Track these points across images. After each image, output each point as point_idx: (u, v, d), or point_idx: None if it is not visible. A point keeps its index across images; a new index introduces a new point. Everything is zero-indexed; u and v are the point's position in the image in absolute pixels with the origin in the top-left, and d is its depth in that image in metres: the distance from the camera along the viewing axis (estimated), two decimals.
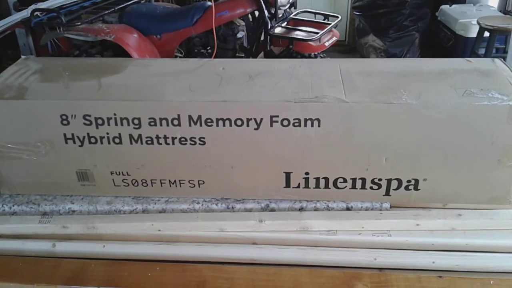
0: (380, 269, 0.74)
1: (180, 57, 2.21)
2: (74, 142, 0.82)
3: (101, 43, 2.04)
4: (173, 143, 0.81)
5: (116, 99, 0.80)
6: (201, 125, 0.79)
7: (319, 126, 0.77)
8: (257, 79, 0.84)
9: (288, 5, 2.07)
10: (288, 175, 0.82)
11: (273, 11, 1.96)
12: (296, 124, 0.77)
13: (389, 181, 0.81)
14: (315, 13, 2.15)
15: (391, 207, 0.84)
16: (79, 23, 2.00)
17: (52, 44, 2.15)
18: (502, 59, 0.88)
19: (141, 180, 0.86)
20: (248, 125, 0.78)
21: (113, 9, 2.20)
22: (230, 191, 0.86)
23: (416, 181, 0.80)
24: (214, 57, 2.07)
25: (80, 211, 0.87)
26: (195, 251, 0.77)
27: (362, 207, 0.84)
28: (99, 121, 0.80)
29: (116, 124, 0.80)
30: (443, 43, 2.71)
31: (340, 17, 2.10)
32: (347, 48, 3.79)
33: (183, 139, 0.80)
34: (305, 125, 0.77)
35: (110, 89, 0.83)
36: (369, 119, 0.76)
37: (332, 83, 0.81)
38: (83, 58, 0.96)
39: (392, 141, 0.77)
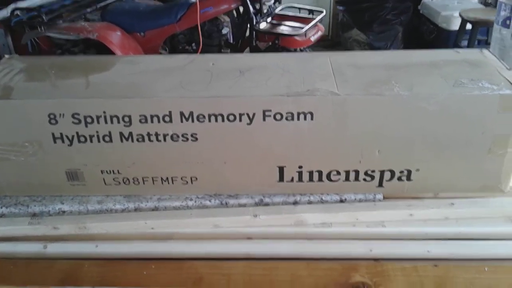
0: (376, 259, 0.74)
1: (165, 55, 2.19)
2: (63, 142, 0.81)
3: (84, 41, 2.01)
4: (165, 140, 0.80)
5: (106, 97, 0.78)
6: (193, 121, 0.78)
7: (312, 119, 0.77)
8: (248, 74, 0.84)
9: (273, 0, 2.07)
10: (281, 169, 0.82)
11: (258, 7, 1.95)
12: (289, 118, 0.77)
13: (382, 172, 0.81)
14: (299, 8, 2.16)
15: (384, 198, 0.84)
16: (61, 21, 1.97)
17: (32, 44, 2.11)
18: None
19: (133, 178, 0.85)
20: (240, 120, 0.77)
21: (95, 7, 2.17)
22: (224, 187, 0.85)
23: (409, 171, 0.81)
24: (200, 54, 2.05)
25: (70, 211, 0.85)
26: (189, 248, 0.76)
27: (355, 199, 0.84)
28: (88, 120, 0.79)
29: (106, 122, 0.79)
30: (426, 36, 2.75)
31: (324, 11, 2.10)
32: (331, 43, 3.81)
33: (175, 136, 0.79)
34: (298, 119, 0.77)
35: (99, 87, 0.82)
36: (361, 111, 0.76)
37: (324, 77, 0.81)
38: (68, 56, 0.94)
39: (385, 133, 0.77)
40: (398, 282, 0.67)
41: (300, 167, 0.82)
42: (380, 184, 0.83)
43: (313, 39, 1.95)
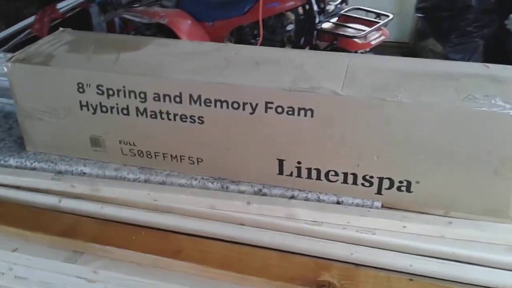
0: (356, 264, 0.74)
1: None
2: (88, 110, 0.89)
3: (156, 25, 2.14)
4: (175, 119, 0.85)
5: (125, 73, 0.85)
6: (200, 104, 0.82)
7: (312, 116, 0.77)
8: (263, 66, 0.86)
9: (339, 0, 2.05)
10: (281, 162, 0.84)
11: (322, 6, 1.95)
12: (289, 113, 0.78)
13: (380, 179, 0.80)
14: (367, 11, 2.11)
15: (382, 206, 0.82)
16: (137, 5, 2.11)
17: (120, 24, 2.29)
18: None
19: (146, 152, 0.91)
20: (244, 109, 0.80)
21: None
22: (226, 172, 0.89)
23: (409, 182, 0.78)
24: None
25: (90, 173, 0.94)
26: (179, 222, 0.81)
27: (352, 203, 0.83)
28: (110, 92, 0.86)
29: (125, 96, 0.86)
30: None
31: (391, 16, 2.04)
32: (410, 50, 3.66)
33: (183, 117, 0.84)
34: (299, 114, 0.78)
35: (124, 64, 0.89)
36: (361, 114, 0.75)
37: (334, 76, 0.81)
38: (114, 34, 1.02)
39: (384, 139, 0.76)
40: (364, 285, 0.66)
41: (299, 162, 0.83)
42: (379, 192, 0.81)
43: (373, 43, 1.90)
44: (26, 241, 0.80)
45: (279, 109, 0.78)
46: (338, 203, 0.84)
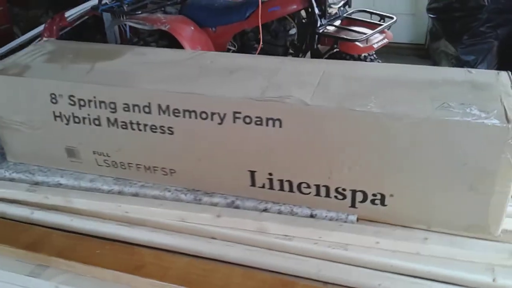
0: (323, 282, 0.70)
1: (233, 50, 2.24)
2: (62, 120, 0.88)
3: (159, 32, 2.14)
4: (145, 130, 0.83)
5: (96, 83, 0.84)
6: (169, 115, 0.80)
7: (280, 126, 0.74)
8: (236, 75, 0.84)
9: (342, 3, 2.00)
10: (252, 173, 0.81)
11: (323, 8, 1.91)
12: (258, 123, 0.75)
13: (353, 192, 0.76)
14: (371, 13, 2.06)
15: (358, 219, 0.79)
16: (140, 12, 2.12)
17: (126, 31, 2.31)
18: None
19: (120, 163, 0.90)
20: (212, 119, 0.78)
21: (175, 1, 2.31)
22: (199, 183, 0.87)
23: (383, 196, 0.74)
24: (264, 53, 2.07)
25: (66, 185, 0.93)
26: (144, 236, 0.79)
27: (326, 216, 0.80)
28: (82, 102, 0.85)
29: (96, 107, 0.85)
30: None
31: (395, 18, 1.98)
32: (426, 52, 3.57)
33: (153, 127, 0.82)
34: (267, 125, 0.75)
35: (97, 74, 0.88)
36: (330, 124, 0.72)
37: (306, 85, 0.78)
38: (95, 44, 1.02)
39: (354, 150, 0.72)
40: None
41: (270, 174, 0.80)
42: (353, 205, 0.77)
43: (376, 46, 1.84)
44: None
45: (247, 119, 0.76)
46: (311, 216, 0.80)
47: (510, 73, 0.78)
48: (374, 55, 2.02)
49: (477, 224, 0.72)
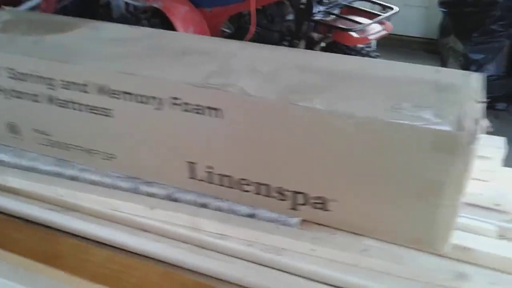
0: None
1: (228, 33, 2.17)
2: (2, 94, 0.83)
3: (153, 10, 2.07)
4: (83, 111, 0.78)
5: (36, 57, 0.79)
6: (107, 95, 0.74)
7: (221, 117, 0.68)
8: (187, 58, 0.78)
9: None
10: (192, 165, 0.75)
11: None
12: (197, 111, 0.69)
13: (294, 194, 0.70)
14: (373, 2, 1.96)
15: (301, 223, 0.72)
16: None
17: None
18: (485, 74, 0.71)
19: (60, 143, 0.85)
20: (150, 104, 0.72)
21: None
22: (139, 171, 0.81)
23: (324, 200, 0.68)
24: (258, 39, 1.99)
25: (6, 162, 0.88)
26: (64, 221, 0.74)
27: (267, 217, 0.74)
28: (21, 77, 0.80)
29: (34, 82, 0.79)
30: None
31: (396, 9, 1.88)
32: (436, 48, 3.43)
33: (91, 108, 0.77)
34: (207, 114, 0.69)
35: (41, 47, 0.82)
36: (272, 118, 0.66)
37: (256, 73, 0.71)
38: (56, 16, 0.97)
39: (295, 148, 0.66)
40: None
41: (210, 167, 0.74)
42: (294, 207, 0.71)
43: (372, 37, 1.75)
44: None
45: (187, 107, 0.70)
46: (251, 215, 0.74)
47: (483, 75, 0.70)
48: (372, 47, 1.93)
49: (423, 238, 0.65)
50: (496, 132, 0.85)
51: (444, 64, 2.76)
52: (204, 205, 0.77)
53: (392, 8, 1.88)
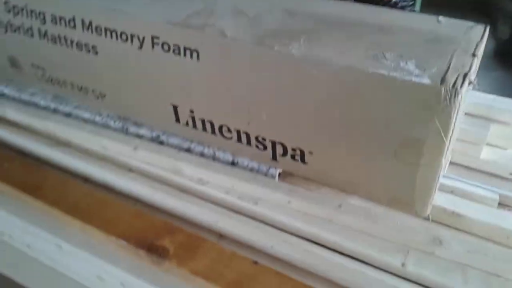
0: (220, 235, 0.65)
1: None
2: (2, 28, 0.84)
3: None
4: (72, 46, 0.77)
5: None
6: (92, 32, 0.73)
7: (198, 59, 0.66)
8: None
9: None
10: (175, 108, 0.74)
11: None
12: (175, 52, 0.67)
13: (273, 143, 0.67)
14: None
15: (280, 174, 0.71)
16: None
17: None
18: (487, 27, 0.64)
19: (56, 79, 0.85)
20: (132, 42, 0.70)
21: None
22: (128, 112, 0.81)
23: (302, 152, 0.65)
24: None
25: (9, 95, 0.91)
26: (58, 157, 0.76)
27: (248, 165, 0.72)
28: (15, 10, 0.80)
29: (28, 16, 0.79)
30: None
31: None
32: (483, 7, 3.17)
33: (79, 44, 0.76)
34: (184, 55, 0.66)
35: None
36: (247, 63, 0.62)
37: (241, 14, 0.67)
38: None
39: (272, 96, 0.63)
40: (200, 257, 0.58)
41: (192, 111, 0.72)
42: (274, 157, 0.69)
43: None
44: None
45: (165, 47, 0.67)
46: (232, 163, 0.73)
47: (487, 27, 0.63)
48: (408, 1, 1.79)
49: (401, 199, 0.62)
50: None
51: (494, 26, 2.56)
52: (188, 150, 0.76)
53: None
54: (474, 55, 0.57)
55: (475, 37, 0.61)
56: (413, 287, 0.57)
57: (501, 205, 0.71)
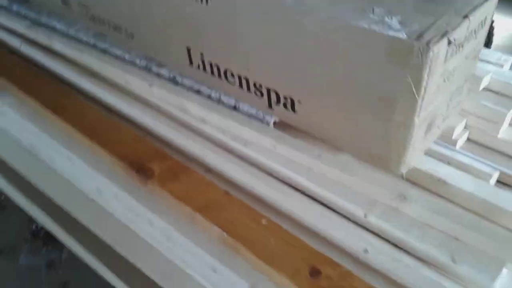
0: (208, 169, 0.71)
1: None
2: None
3: None
4: None
5: None
6: None
7: (207, 3, 0.70)
8: None
9: None
10: (189, 51, 0.79)
11: None
12: None
13: (268, 91, 0.71)
14: None
15: (275, 123, 0.74)
16: None
17: None
18: None
19: (97, 17, 0.94)
20: None
21: None
22: (152, 53, 0.88)
23: (292, 100, 0.68)
24: None
25: (58, 29, 1.01)
26: (88, 86, 0.85)
27: (247, 111, 0.76)
28: None
29: None
30: None
31: None
32: None
33: None
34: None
35: None
36: (248, 7, 0.66)
37: None
38: None
39: (267, 42, 0.66)
40: (180, 182, 0.64)
41: (202, 54, 0.77)
42: (270, 105, 0.73)
43: None
44: None
45: None
46: (234, 108, 0.78)
47: None
48: None
49: (378, 155, 0.63)
50: None
51: None
52: (198, 92, 0.82)
53: None
54: (466, 17, 0.56)
55: (477, 0, 0.59)
56: (373, 238, 0.59)
57: (503, 184, 0.70)
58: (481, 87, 0.84)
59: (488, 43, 1.53)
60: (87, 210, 0.70)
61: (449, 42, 0.53)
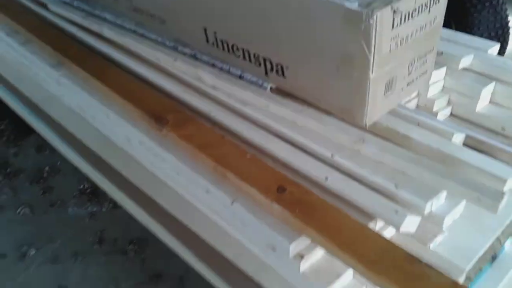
0: (214, 123, 0.87)
1: None
2: None
3: None
4: None
5: None
6: None
7: None
8: None
9: None
10: (205, 31, 0.97)
11: None
12: None
13: (264, 59, 0.87)
14: None
15: (272, 89, 0.89)
16: None
17: None
18: None
19: (137, 8, 1.13)
20: None
21: None
22: (179, 35, 1.06)
23: (281, 67, 0.84)
24: None
25: (108, 19, 1.22)
26: (131, 64, 1.05)
27: (250, 79, 0.92)
28: None
29: None
30: None
31: None
32: None
33: None
34: None
35: None
36: None
37: None
38: None
39: (262, 13, 0.81)
40: (187, 129, 0.81)
41: (215, 32, 0.94)
42: (266, 73, 0.88)
43: None
44: None
45: None
46: (240, 77, 0.94)
47: None
48: None
49: (347, 108, 0.77)
50: None
51: None
52: (212, 65, 0.99)
53: None
54: None
55: None
56: (335, 172, 0.72)
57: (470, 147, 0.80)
58: (460, 66, 0.96)
59: (501, 49, 1.57)
60: (118, 157, 0.89)
61: (394, 11, 0.66)
